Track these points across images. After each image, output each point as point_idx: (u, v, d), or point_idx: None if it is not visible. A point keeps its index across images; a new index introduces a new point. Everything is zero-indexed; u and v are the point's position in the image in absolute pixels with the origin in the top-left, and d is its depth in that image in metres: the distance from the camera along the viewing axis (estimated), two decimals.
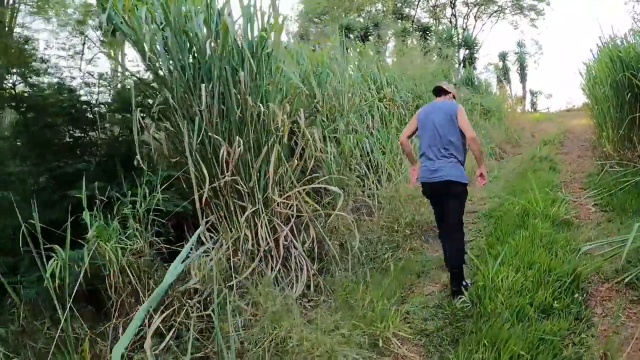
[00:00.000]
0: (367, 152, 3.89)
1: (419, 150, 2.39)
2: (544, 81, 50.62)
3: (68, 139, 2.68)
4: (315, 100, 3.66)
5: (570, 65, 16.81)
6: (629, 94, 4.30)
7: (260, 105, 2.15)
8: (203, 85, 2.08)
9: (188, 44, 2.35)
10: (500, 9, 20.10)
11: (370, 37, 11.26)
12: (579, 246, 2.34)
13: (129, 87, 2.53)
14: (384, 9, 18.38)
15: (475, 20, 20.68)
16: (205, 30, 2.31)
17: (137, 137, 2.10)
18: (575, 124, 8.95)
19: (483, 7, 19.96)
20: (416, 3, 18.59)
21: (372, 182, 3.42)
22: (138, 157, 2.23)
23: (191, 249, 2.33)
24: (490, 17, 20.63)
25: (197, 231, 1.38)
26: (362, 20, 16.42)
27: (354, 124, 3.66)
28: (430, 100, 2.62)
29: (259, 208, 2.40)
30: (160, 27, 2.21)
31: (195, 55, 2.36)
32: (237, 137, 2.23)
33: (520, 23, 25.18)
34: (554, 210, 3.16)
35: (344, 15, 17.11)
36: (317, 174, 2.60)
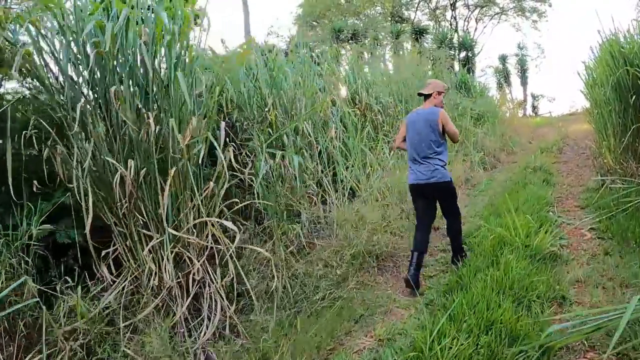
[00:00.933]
0: (328, 166, 3.49)
1: (408, 155, 2.58)
2: (548, 84, 49.20)
3: None
4: (266, 109, 3.30)
5: (574, 68, 15.81)
6: (634, 96, 3.70)
7: (151, 122, 1.80)
8: (79, 104, 1.75)
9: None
10: (501, 10, 19.41)
11: (359, 39, 10.87)
12: (548, 328, 1.51)
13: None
14: (383, 11, 17.97)
15: (477, 23, 20.05)
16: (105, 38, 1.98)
17: (10, 161, 1.78)
18: (577, 129, 8.23)
19: (484, 9, 19.31)
20: (415, 6, 18.11)
21: (316, 202, 2.99)
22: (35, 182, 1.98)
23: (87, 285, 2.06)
24: (491, 19, 19.95)
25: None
26: (362, 24, 16.10)
27: (308, 134, 3.28)
28: (420, 104, 2.81)
29: (165, 238, 2.05)
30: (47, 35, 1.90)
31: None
32: (130, 159, 1.90)
33: (523, 25, 24.36)
34: (538, 239, 2.54)
35: (343, 19, 16.84)
36: (236, 199, 2.23)
